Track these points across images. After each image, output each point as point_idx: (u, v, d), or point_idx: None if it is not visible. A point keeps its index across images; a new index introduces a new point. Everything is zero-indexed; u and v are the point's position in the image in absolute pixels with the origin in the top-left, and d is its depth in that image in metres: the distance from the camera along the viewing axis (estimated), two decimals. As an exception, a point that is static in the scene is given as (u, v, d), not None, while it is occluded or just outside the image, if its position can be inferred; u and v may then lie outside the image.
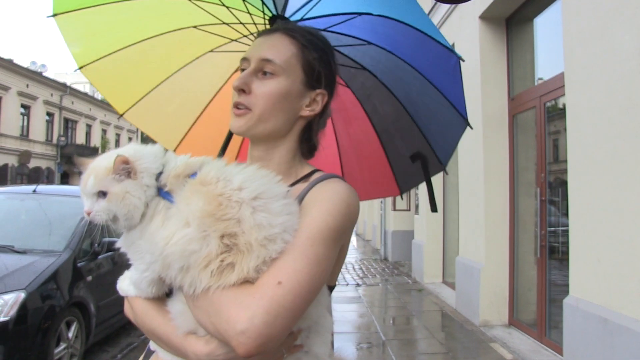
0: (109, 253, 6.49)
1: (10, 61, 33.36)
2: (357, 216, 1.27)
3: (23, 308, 4.79)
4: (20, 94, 33.94)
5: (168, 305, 1.22)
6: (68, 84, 41.47)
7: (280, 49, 1.35)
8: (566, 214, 5.16)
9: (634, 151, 3.85)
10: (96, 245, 6.24)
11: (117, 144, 49.15)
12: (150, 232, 1.13)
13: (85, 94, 44.32)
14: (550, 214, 6.23)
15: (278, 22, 1.67)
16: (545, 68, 6.70)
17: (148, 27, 1.87)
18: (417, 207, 12.07)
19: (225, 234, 1.07)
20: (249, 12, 1.76)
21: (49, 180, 36.02)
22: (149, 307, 1.25)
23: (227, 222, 1.08)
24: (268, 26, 1.75)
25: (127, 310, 1.34)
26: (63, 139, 38.85)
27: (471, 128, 1.82)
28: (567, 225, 5.05)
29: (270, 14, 1.72)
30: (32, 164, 35.63)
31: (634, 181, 3.87)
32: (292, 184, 1.32)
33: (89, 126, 43.84)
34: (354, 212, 1.25)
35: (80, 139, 42.26)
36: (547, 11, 6.53)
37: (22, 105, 34.75)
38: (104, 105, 47.35)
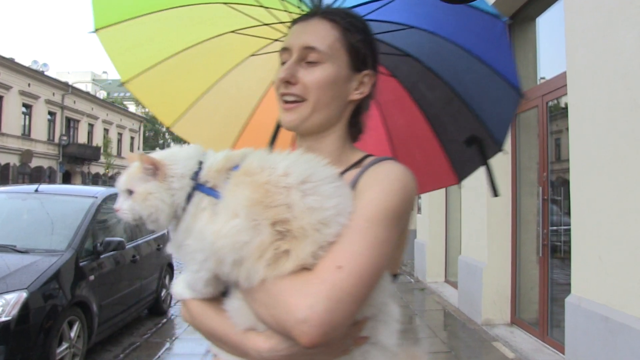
0: (112, 252, 6.49)
1: (11, 60, 33.45)
2: (414, 198, 1.21)
3: (25, 308, 4.79)
4: (22, 93, 33.99)
5: (225, 304, 1.17)
6: (70, 83, 41.55)
7: (323, 34, 1.31)
8: (568, 213, 5.16)
9: (636, 151, 3.84)
10: (98, 244, 6.24)
11: (120, 143, 49.24)
12: (199, 229, 1.10)
13: (87, 93, 44.45)
14: (553, 213, 6.23)
15: (315, 6, 1.59)
16: (547, 67, 6.69)
17: (187, 36, 1.85)
18: (419, 207, 12.05)
19: (276, 221, 1.03)
20: (287, 10, 1.72)
21: (51, 180, 36.06)
22: (205, 308, 1.20)
23: (276, 208, 1.03)
24: None
25: (184, 314, 1.29)
26: (65, 138, 38.90)
27: (525, 99, 1.73)
28: (569, 224, 5.05)
29: (307, 9, 1.67)
30: (34, 163, 35.68)
31: (635, 180, 3.86)
32: (344, 171, 1.28)
33: (91, 125, 43.89)
34: (411, 193, 1.19)
35: (82, 138, 42.31)
36: (549, 10, 6.52)
37: (24, 105, 34.81)
38: (106, 104, 47.48)
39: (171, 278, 9.25)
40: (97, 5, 1.72)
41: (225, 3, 1.74)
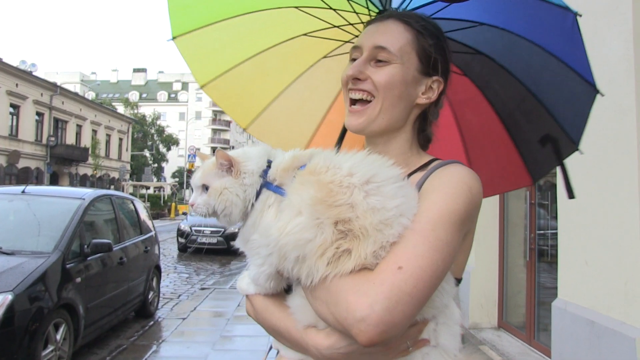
0: (99, 255, 6.45)
1: (-1, 60, 33.13)
2: (481, 201, 1.22)
3: (10, 310, 4.75)
4: (10, 93, 33.70)
5: (288, 301, 1.20)
6: (58, 83, 41.26)
7: (395, 35, 1.32)
8: (555, 217, 5.19)
9: (622, 155, 3.88)
10: (85, 246, 6.20)
11: (108, 144, 48.94)
12: (264, 225, 1.14)
13: (76, 94, 44.17)
14: (540, 217, 6.27)
15: (390, 9, 1.60)
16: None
17: (260, 40, 1.89)
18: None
19: (339, 220, 1.05)
20: (355, 12, 1.74)
21: (38, 181, 35.78)
22: (268, 303, 1.23)
23: (339, 208, 1.05)
24: None
25: (249, 308, 1.32)
26: (53, 139, 38.60)
27: (602, 95, 1.65)
28: (556, 229, 5.08)
29: (376, 10, 1.68)
30: (21, 164, 35.38)
31: (622, 185, 3.90)
32: (411, 174, 1.29)
33: (79, 126, 43.58)
34: (476, 196, 1.19)
35: (70, 139, 42.00)
36: (537, 15, 6.56)
37: (12, 105, 34.50)
38: (94, 105, 47.22)
39: (158, 280, 9.21)
40: (173, 13, 1.78)
41: (296, 7, 1.77)
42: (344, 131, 1.76)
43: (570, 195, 1.79)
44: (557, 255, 4.98)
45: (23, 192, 6.81)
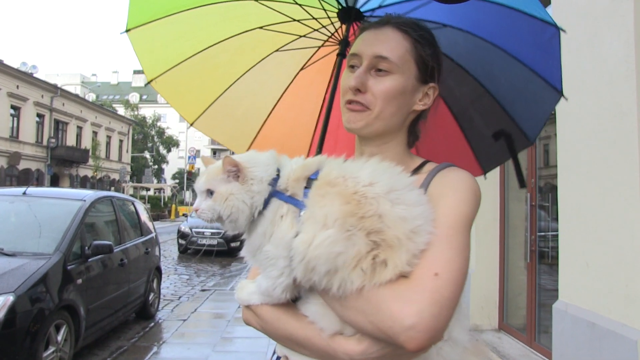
0: (99, 256, 6.46)
1: (0, 62, 33.16)
2: (480, 203, 1.27)
3: (11, 311, 4.76)
4: (10, 95, 33.74)
5: (301, 309, 1.20)
6: (59, 85, 41.28)
7: (394, 45, 1.34)
8: (556, 219, 5.19)
9: (623, 157, 3.88)
10: (86, 248, 6.21)
11: (108, 146, 48.98)
12: (280, 236, 1.13)
13: (77, 96, 44.19)
14: (540, 218, 6.27)
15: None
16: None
17: (215, 34, 1.87)
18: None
19: (371, 231, 1.07)
20: (322, 8, 1.76)
21: (39, 182, 35.80)
22: (279, 313, 1.23)
23: (370, 219, 1.07)
24: (336, 19, 1.74)
25: (249, 318, 1.31)
26: (53, 140, 38.63)
27: (565, 99, 1.76)
28: (557, 230, 5.08)
29: (340, 6, 1.70)
30: (22, 165, 35.40)
31: (622, 187, 3.90)
32: None
33: (79, 128, 43.63)
34: (479, 199, 1.26)
35: (70, 140, 42.04)
36: (537, 18, 6.57)
37: (12, 107, 34.55)
38: (95, 107, 47.24)
39: (159, 282, 9.22)
40: (133, 5, 1.75)
41: (256, 0, 1.76)
42: (322, 137, 1.78)
43: (521, 184, 1.92)
44: (557, 257, 4.98)
45: (24, 193, 6.82)
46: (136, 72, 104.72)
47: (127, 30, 1.76)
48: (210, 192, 1.19)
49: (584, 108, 4.40)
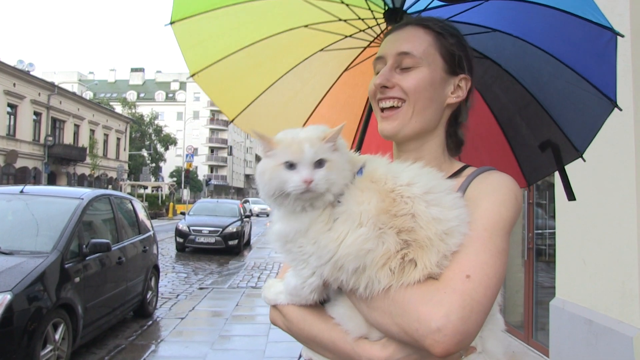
0: (97, 254, 6.45)
1: (-4, 60, 33.05)
2: (522, 207, 1.23)
3: (9, 310, 4.75)
4: (7, 93, 33.64)
5: (330, 311, 1.17)
6: (56, 83, 41.18)
7: (416, 40, 1.33)
8: (553, 217, 5.21)
9: (619, 156, 3.90)
10: (84, 246, 6.20)
11: (106, 144, 48.88)
12: (315, 232, 1.08)
13: (74, 94, 44.07)
14: (538, 216, 6.28)
15: (406, 17, 1.62)
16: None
17: (259, 30, 1.84)
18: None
19: (402, 230, 1.04)
20: (369, 8, 1.73)
21: (36, 181, 35.72)
22: (305, 313, 1.20)
23: (402, 217, 1.05)
24: (382, 20, 1.71)
25: (276, 318, 1.28)
26: (50, 139, 38.54)
27: (619, 109, 1.70)
28: (554, 228, 5.10)
29: (387, 7, 1.68)
30: (19, 164, 35.31)
31: (619, 185, 3.91)
32: None
33: (77, 126, 43.52)
34: (520, 203, 1.22)
35: (68, 139, 41.93)
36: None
37: (9, 105, 34.45)
38: (92, 105, 47.13)
39: (157, 280, 9.21)
40: None
41: None
42: (361, 139, 1.76)
43: (570, 197, 1.80)
44: (555, 254, 4.99)
45: (21, 192, 6.80)
46: (134, 69, 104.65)
47: (171, 23, 1.73)
48: (319, 163, 1.08)
49: (581, 106, 4.40)
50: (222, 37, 1.86)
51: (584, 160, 1.81)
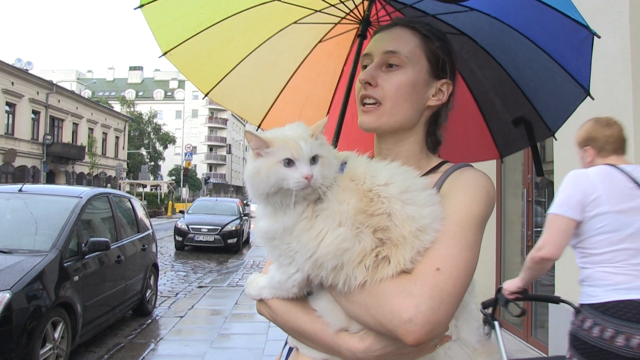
0: (96, 253, 6.45)
1: (-5, 59, 33.00)
2: (494, 203, 1.28)
3: (8, 309, 4.75)
4: (5, 91, 33.61)
5: (312, 303, 1.22)
6: (54, 81, 41.12)
7: (403, 40, 1.38)
8: (552, 215, 5.20)
9: (619, 153, 3.89)
10: (83, 245, 6.20)
11: (104, 143, 48.85)
12: (299, 229, 1.11)
13: (72, 92, 44.01)
14: (537, 214, 6.29)
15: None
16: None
17: (231, 5, 1.85)
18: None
19: (378, 229, 1.08)
20: None
21: (35, 179, 35.68)
22: (290, 306, 1.24)
23: (379, 217, 1.09)
24: None
25: (261, 309, 1.33)
26: (49, 137, 38.51)
27: (592, 98, 1.75)
28: (553, 226, 5.08)
29: None
30: (17, 162, 35.30)
31: (618, 182, 3.90)
32: (422, 176, 1.31)
33: (75, 125, 43.49)
34: (493, 199, 1.26)
35: (66, 137, 41.91)
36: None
37: (7, 103, 34.42)
38: (90, 103, 47.09)
39: (156, 278, 9.21)
40: None
41: None
42: (339, 127, 1.79)
43: (539, 173, 1.91)
44: (554, 252, 4.99)
45: (20, 190, 6.80)
46: (132, 68, 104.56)
47: (140, 6, 1.74)
48: (313, 159, 1.10)
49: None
50: (193, 14, 1.88)
51: (555, 139, 1.90)
